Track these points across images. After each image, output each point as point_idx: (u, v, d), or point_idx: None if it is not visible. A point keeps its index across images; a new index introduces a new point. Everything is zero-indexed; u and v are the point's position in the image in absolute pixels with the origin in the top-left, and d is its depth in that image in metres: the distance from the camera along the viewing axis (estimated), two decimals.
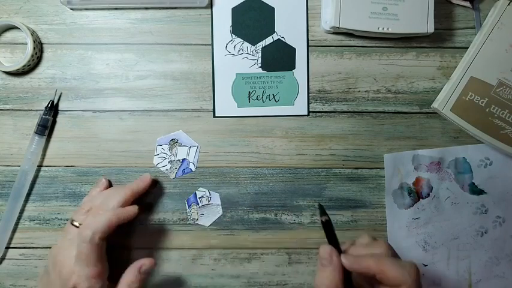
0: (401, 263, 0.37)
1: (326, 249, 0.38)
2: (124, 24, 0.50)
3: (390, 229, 0.51)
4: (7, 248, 0.50)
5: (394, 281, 0.36)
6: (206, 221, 0.50)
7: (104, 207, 0.45)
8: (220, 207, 0.50)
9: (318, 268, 0.39)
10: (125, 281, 0.44)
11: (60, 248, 0.45)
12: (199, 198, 0.50)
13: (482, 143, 0.50)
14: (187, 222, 0.50)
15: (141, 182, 0.48)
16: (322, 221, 0.40)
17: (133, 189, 0.47)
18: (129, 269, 0.45)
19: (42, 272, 0.46)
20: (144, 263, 0.45)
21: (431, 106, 0.50)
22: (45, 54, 0.50)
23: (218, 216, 0.50)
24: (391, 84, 0.51)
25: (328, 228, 0.40)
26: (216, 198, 0.50)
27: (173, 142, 0.50)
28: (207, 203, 0.50)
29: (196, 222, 0.50)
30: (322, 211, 0.40)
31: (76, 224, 0.45)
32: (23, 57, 0.48)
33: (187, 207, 0.50)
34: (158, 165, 0.50)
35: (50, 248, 0.50)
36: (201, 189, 0.50)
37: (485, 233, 0.51)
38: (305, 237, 0.51)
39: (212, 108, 0.50)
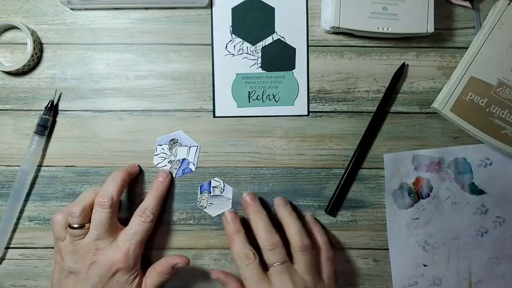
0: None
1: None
2: (124, 24, 0.50)
3: (390, 229, 0.51)
4: (7, 248, 0.50)
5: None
6: (213, 211, 0.50)
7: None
8: (231, 201, 0.50)
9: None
10: (156, 269, 0.46)
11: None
12: (212, 187, 0.50)
13: (482, 143, 0.50)
14: (196, 207, 0.50)
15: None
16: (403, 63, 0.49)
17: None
18: (164, 260, 0.46)
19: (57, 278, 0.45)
20: (180, 261, 0.46)
21: (431, 106, 0.50)
22: (45, 54, 0.50)
23: (226, 209, 0.50)
24: None
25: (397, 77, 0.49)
26: (229, 192, 0.50)
27: (173, 142, 0.50)
28: (219, 194, 0.50)
29: (204, 209, 0.50)
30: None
31: (75, 226, 0.44)
32: (23, 57, 0.48)
33: (198, 193, 0.50)
34: (158, 165, 0.50)
35: (50, 248, 0.50)
36: (216, 179, 0.50)
37: (485, 233, 0.51)
38: None
39: (212, 108, 0.50)
